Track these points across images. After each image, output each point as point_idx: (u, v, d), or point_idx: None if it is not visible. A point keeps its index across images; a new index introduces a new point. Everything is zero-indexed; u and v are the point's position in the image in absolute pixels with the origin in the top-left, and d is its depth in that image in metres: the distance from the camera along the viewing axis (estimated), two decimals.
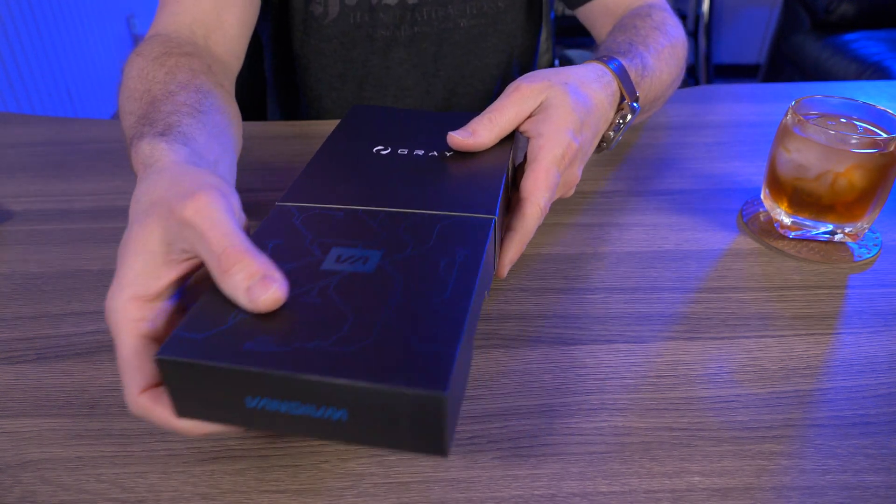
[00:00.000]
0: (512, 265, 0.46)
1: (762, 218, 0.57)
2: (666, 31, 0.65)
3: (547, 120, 0.47)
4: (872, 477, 0.36)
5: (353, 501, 0.35)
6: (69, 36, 1.97)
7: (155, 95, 0.46)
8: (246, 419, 0.30)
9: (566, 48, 1.42)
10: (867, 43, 1.95)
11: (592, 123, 0.50)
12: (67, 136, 0.72)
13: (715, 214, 0.58)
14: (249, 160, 0.65)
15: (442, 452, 0.29)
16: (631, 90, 0.55)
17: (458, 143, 0.47)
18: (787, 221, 0.54)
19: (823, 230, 0.53)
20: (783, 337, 0.45)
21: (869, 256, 0.52)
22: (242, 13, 0.63)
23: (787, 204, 0.53)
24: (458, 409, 0.31)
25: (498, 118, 0.47)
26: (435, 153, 0.47)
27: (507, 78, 0.82)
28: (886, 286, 0.50)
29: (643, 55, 0.59)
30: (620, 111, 0.56)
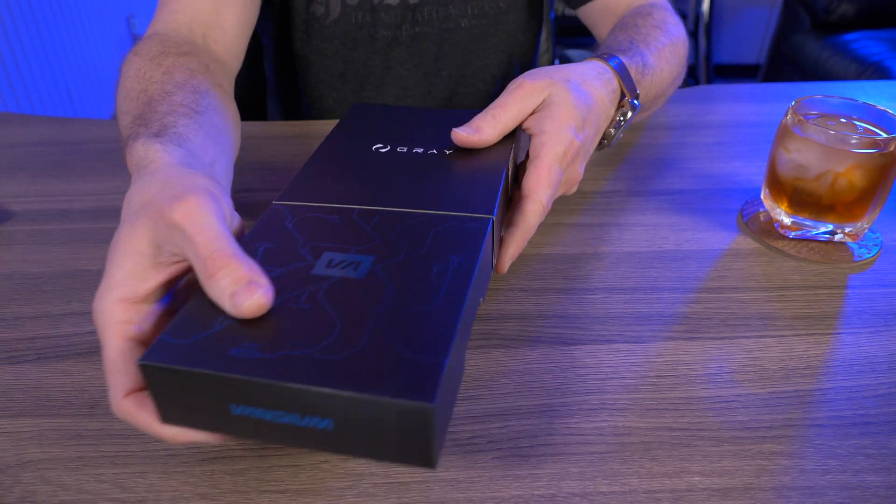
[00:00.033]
0: (512, 261, 0.46)
1: (762, 218, 0.56)
2: (667, 29, 0.65)
3: (549, 117, 0.47)
4: (872, 477, 0.36)
5: (353, 501, 0.35)
6: (69, 36, 1.97)
7: (151, 95, 0.46)
8: (232, 427, 0.29)
9: (566, 48, 1.42)
10: (867, 43, 1.95)
11: (594, 120, 0.50)
12: (67, 136, 0.72)
13: (715, 214, 0.58)
14: (249, 160, 0.65)
15: (430, 464, 0.28)
16: (631, 87, 0.55)
17: (461, 139, 0.47)
18: (787, 221, 0.54)
19: (823, 230, 0.53)
20: (783, 337, 0.45)
21: (869, 256, 0.52)
22: (242, 12, 0.63)
23: (787, 204, 0.53)
24: (447, 419, 0.30)
25: (501, 115, 0.47)
26: (434, 151, 0.47)
27: (507, 78, 0.82)
28: (886, 286, 0.50)
29: (644, 53, 0.59)
30: (621, 108, 0.56)
